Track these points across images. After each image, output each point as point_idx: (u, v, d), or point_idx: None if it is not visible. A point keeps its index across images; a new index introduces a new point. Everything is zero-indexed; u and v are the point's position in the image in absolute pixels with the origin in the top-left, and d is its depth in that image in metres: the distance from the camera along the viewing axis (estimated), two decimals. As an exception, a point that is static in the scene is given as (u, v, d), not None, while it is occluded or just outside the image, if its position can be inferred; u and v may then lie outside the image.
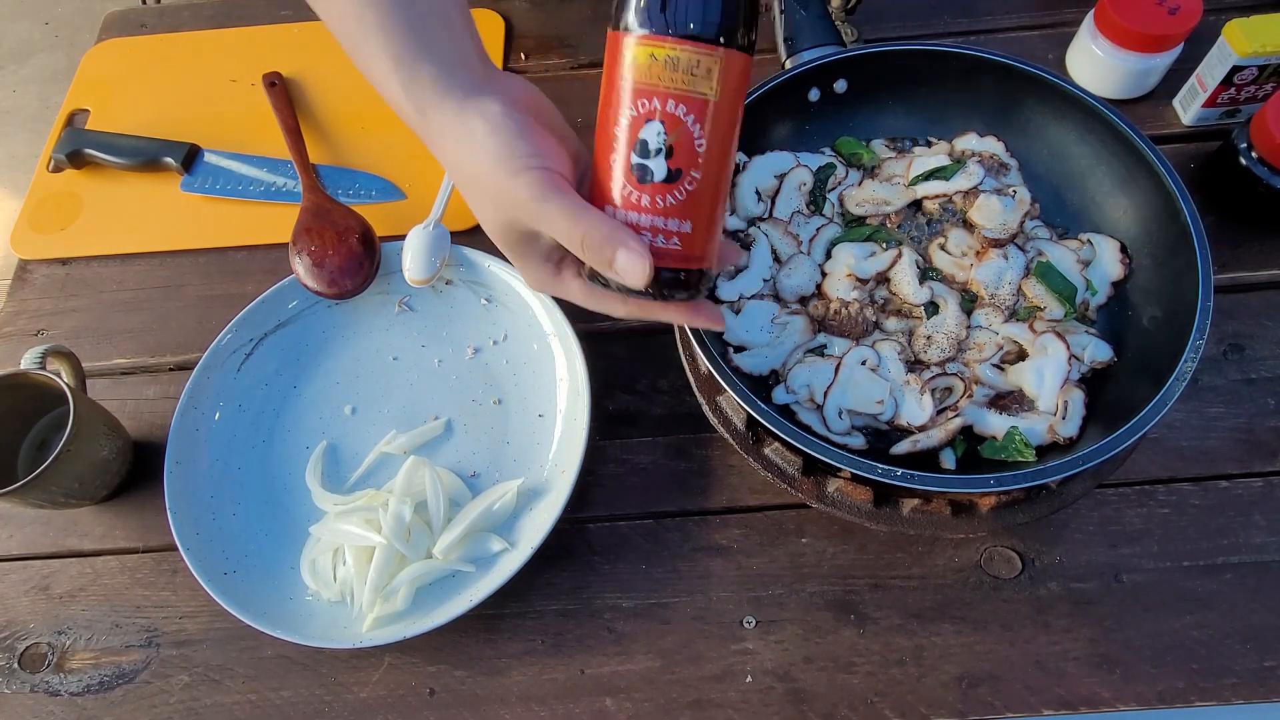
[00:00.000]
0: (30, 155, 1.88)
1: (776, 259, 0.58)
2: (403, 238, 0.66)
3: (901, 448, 0.53)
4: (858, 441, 0.54)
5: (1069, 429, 0.52)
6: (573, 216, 0.38)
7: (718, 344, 0.56)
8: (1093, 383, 0.55)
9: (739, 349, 0.56)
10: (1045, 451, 0.52)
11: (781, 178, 0.60)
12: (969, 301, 0.57)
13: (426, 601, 0.54)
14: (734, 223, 0.60)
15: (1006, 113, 0.62)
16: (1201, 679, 0.51)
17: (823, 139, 0.64)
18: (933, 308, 0.56)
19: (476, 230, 0.70)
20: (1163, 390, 0.47)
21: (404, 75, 0.41)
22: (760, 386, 0.56)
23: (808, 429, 0.53)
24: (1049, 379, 0.53)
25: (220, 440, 0.61)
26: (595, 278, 0.41)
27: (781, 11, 0.65)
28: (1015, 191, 0.59)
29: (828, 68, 0.61)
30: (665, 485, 0.59)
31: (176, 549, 0.55)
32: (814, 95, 0.63)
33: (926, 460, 0.53)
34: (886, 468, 0.46)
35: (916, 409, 0.53)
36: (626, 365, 0.64)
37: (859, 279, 0.57)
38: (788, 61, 0.64)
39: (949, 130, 0.63)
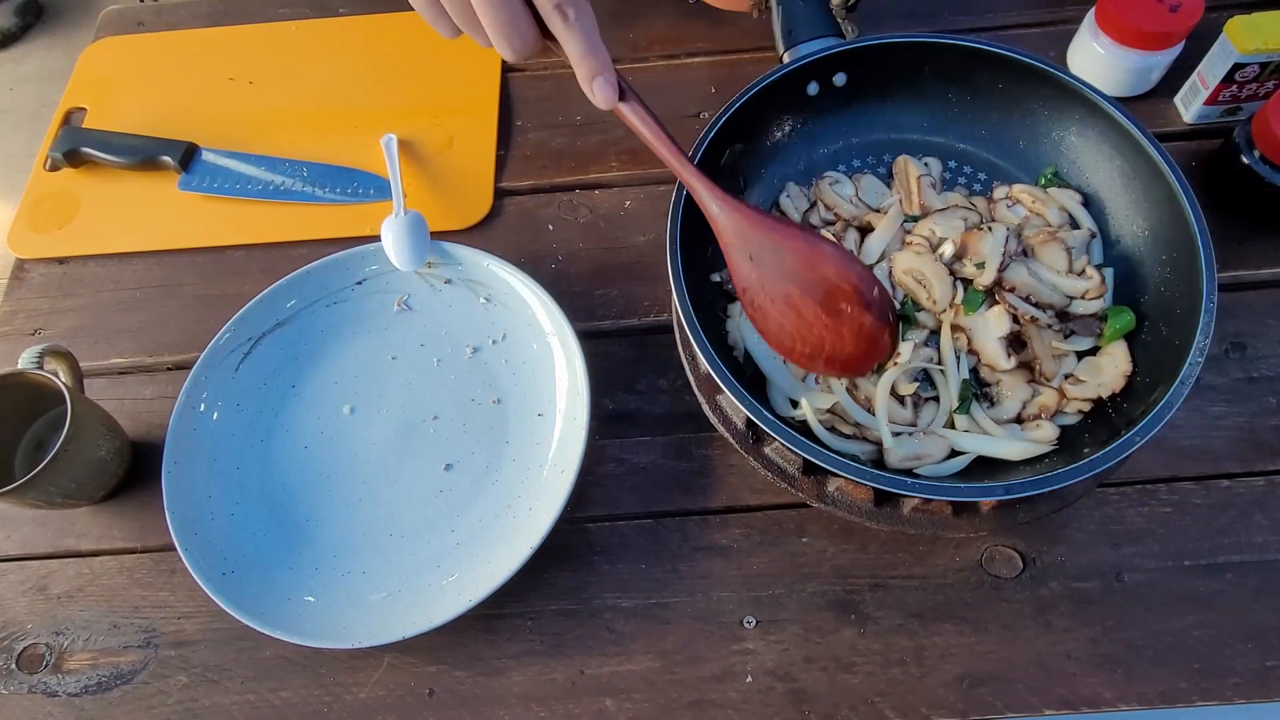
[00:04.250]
0: (27, 154, 1.88)
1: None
2: (401, 236, 0.65)
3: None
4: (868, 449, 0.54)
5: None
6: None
7: (720, 349, 0.56)
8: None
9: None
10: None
11: None
12: None
13: (426, 600, 0.54)
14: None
15: (1007, 107, 0.61)
16: (1203, 679, 0.51)
17: (824, 135, 0.64)
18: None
19: (474, 229, 0.70)
20: (1170, 392, 0.46)
21: None
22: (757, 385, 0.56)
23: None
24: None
25: (218, 440, 0.60)
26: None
27: (779, 4, 0.65)
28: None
29: (826, 61, 0.60)
30: (665, 485, 0.59)
31: (175, 549, 0.55)
32: (813, 89, 0.62)
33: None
34: (877, 472, 0.46)
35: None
36: (626, 364, 0.63)
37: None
38: (785, 55, 0.63)
39: (946, 125, 0.63)
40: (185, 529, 0.56)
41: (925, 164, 0.63)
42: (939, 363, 0.55)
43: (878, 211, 0.60)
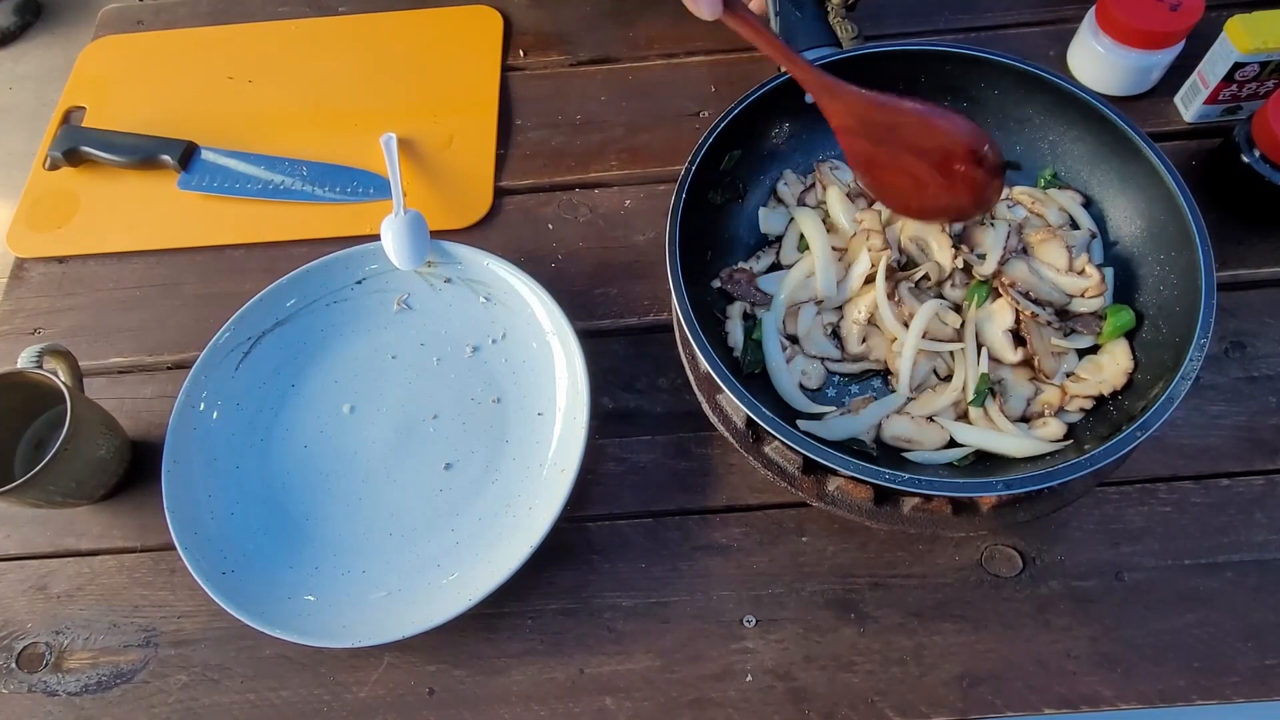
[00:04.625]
0: (27, 153, 1.87)
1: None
2: (401, 235, 0.65)
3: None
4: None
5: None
6: None
7: (720, 348, 0.56)
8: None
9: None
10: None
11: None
12: None
13: (426, 599, 0.54)
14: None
15: (1003, 112, 0.61)
16: (1203, 677, 0.51)
17: (822, 141, 0.64)
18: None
19: (474, 228, 0.70)
20: (1170, 388, 0.46)
21: None
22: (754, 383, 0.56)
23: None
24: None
25: (218, 439, 0.60)
26: None
27: (777, 14, 0.65)
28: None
29: (824, 69, 0.60)
30: (665, 484, 0.59)
31: (174, 548, 0.55)
32: (810, 98, 0.62)
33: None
34: (876, 469, 0.46)
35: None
36: (626, 363, 0.64)
37: None
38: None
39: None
40: (185, 528, 0.56)
41: None
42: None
43: None
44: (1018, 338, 0.55)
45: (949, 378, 0.56)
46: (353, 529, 0.58)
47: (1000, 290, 0.55)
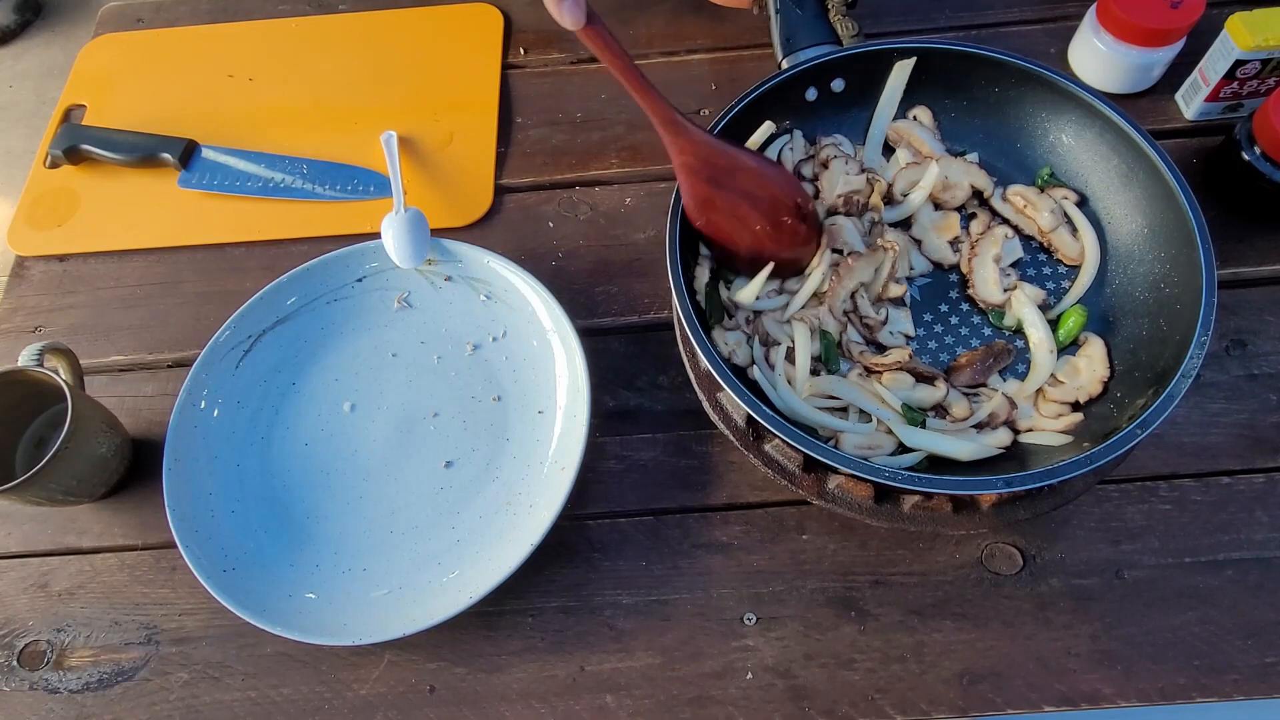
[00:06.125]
0: (27, 151, 1.88)
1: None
2: (401, 234, 0.65)
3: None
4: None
5: None
6: None
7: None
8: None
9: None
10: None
11: None
12: None
13: (427, 597, 0.54)
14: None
15: (1003, 109, 0.61)
16: (1203, 675, 0.51)
17: (823, 138, 0.64)
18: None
19: (474, 226, 0.70)
20: (1170, 386, 0.47)
21: None
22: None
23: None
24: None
25: (219, 437, 0.60)
26: None
27: (777, 11, 0.65)
28: None
29: (824, 67, 0.61)
30: (666, 482, 0.59)
31: (175, 546, 0.55)
32: (811, 95, 0.62)
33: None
34: (878, 467, 0.46)
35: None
36: (626, 361, 0.64)
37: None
38: (784, 61, 0.64)
39: (944, 128, 0.63)
40: (186, 526, 0.56)
41: (914, 118, 0.63)
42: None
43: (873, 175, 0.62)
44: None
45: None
46: (353, 527, 0.58)
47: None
